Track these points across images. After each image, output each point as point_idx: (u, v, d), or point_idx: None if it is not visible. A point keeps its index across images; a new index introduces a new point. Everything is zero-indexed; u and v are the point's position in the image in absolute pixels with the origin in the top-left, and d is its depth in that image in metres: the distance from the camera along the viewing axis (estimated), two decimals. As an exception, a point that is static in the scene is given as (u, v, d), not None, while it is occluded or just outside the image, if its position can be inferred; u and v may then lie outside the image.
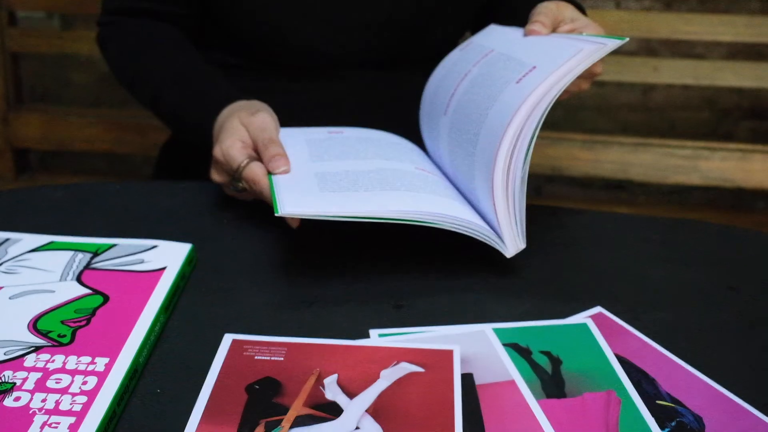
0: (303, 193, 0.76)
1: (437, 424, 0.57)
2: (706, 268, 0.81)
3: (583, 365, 0.65)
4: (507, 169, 0.74)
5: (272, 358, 0.64)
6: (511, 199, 0.75)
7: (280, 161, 0.82)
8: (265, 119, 0.86)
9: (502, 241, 0.77)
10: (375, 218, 0.73)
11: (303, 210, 0.72)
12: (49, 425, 0.55)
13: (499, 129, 0.75)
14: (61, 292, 0.70)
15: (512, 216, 0.76)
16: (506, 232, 0.76)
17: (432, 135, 0.93)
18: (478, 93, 0.82)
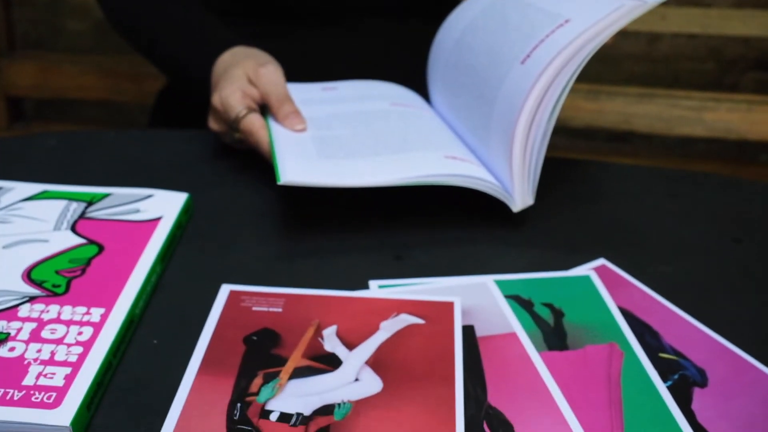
0: (304, 161, 0.74)
1: (438, 376, 0.57)
2: (710, 221, 0.80)
3: (585, 318, 0.64)
4: (530, 125, 0.72)
5: (270, 309, 0.63)
6: (529, 155, 0.73)
7: (297, 119, 0.81)
8: (276, 72, 0.84)
9: (510, 196, 0.75)
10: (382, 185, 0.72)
11: (305, 179, 0.71)
12: (44, 376, 0.54)
13: (525, 84, 0.72)
14: (55, 242, 0.68)
15: (527, 172, 0.74)
16: (518, 187, 0.75)
17: (439, 86, 0.90)
18: (501, 46, 0.78)
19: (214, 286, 0.66)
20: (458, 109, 0.84)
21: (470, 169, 0.75)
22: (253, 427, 0.52)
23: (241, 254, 0.72)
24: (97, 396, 0.55)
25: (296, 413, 0.54)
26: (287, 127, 0.80)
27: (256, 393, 0.55)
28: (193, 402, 0.54)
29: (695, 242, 0.76)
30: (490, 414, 0.54)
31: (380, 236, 0.75)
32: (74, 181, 0.79)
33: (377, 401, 0.55)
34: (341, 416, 0.53)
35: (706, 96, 1.69)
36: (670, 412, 0.55)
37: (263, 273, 0.69)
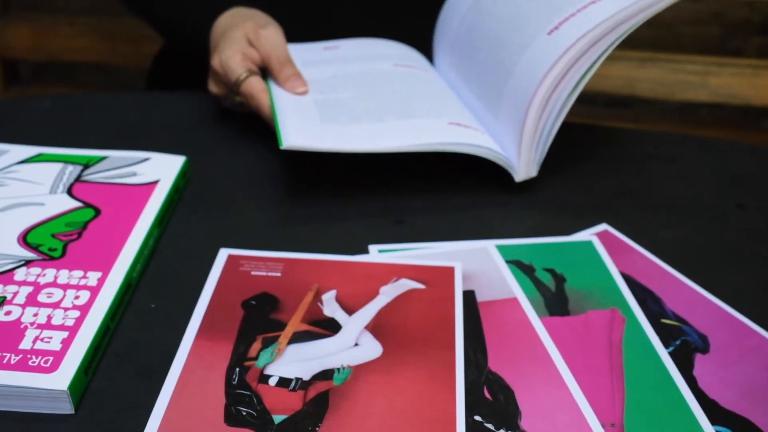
0: (306, 125, 0.73)
1: (438, 341, 0.56)
2: (714, 186, 0.79)
3: (587, 283, 0.64)
4: (548, 98, 0.71)
5: (269, 274, 0.63)
6: (542, 128, 0.72)
7: (298, 81, 0.79)
8: (276, 34, 0.83)
9: (514, 165, 0.74)
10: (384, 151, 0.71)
11: (307, 144, 0.70)
12: (41, 340, 0.54)
13: (549, 56, 0.70)
14: (51, 205, 0.67)
15: (536, 144, 0.73)
16: (524, 158, 0.74)
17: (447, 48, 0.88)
18: (527, 13, 0.75)
19: (212, 251, 0.65)
20: (467, 73, 0.82)
21: (474, 137, 0.73)
22: (251, 391, 0.52)
23: (240, 218, 0.71)
24: (94, 360, 0.54)
25: (295, 378, 0.53)
26: (288, 90, 0.79)
27: (254, 358, 0.55)
28: (192, 367, 0.54)
29: (699, 207, 0.76)
30: (491, 379, 0.54)
31: (381, 201, 0.74)
32: (70, 144, 0.78)
33: (377, 366, 0.54)
34: (341, 381, 0.53)
35: (710, 60, 1.66)
36: (671, 378, 0.55)
37: (262, 237, 0.68)
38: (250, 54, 0.81)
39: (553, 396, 0.53)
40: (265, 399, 0.52)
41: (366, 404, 0.51)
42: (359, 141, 0.71)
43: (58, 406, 0.51)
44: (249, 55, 0.81)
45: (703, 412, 0.53)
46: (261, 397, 0.52)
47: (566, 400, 0.53)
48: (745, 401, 0.54)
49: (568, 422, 0.51)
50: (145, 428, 0.50)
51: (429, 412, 0.51)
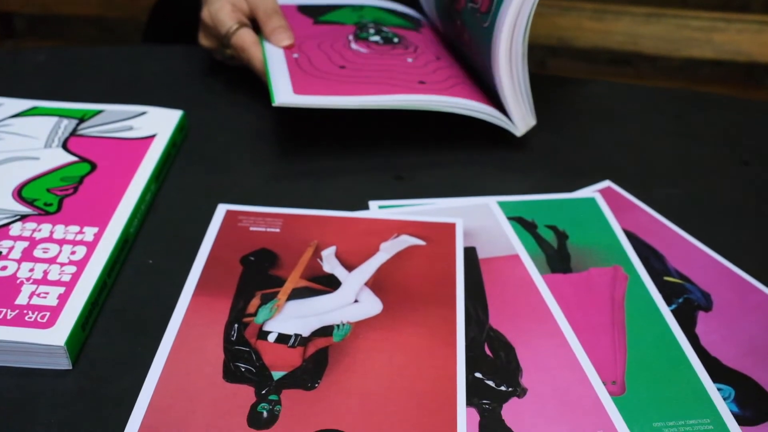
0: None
1: (438, 298, 0.56)
2: (719, 142, 0.78)
3: (589, 240, 0.63)
4: (510, 43, 0.69)
5: (268, 230, 0.62)
6: (516, 73, 0.70)
7: (283, 34, 0.77)
8: None
9: (511, 121, 0.73)
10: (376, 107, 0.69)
11: (300, 101, 0.68)
12: (37, 295, 0.53)
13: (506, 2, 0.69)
14: (46, 160, 0.66)
15: (518, 92, 0.71)
16: (514, 110, 0.72)
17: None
18: None
19: (210, 206, 0.64)
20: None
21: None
22: (250, 348, 0.52)
23: (238, 173, 0.70)
24: (91, 316, 0.54)
25: (294, 334, 0.53)
26: (273, 42, 0.77)
27: (253, 314, 0.54)
28: (190, 323, 0.53)
29: (703, 164, 0.75)
30: (492, 336, 0.54)
31: (381, 156, 0.73)
32: (65, 97, 0.76)
33: (377, 323, 0.54)
34: (340, 338, 0.53)
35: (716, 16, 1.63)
36: (673, 336, 0.55)
37: (260, 193, 0.67)
38: (239, 5, 0.79)
39: (554, 353, 0.53)
40: (264, 355, 0.51)
41: (366, 361, 0.51)
42: (354, 98, 0.70)
43: (56, 361, 0.51)
44: (239, 6, 0.79)
45: (705, 370, 0.52)
46: (260, 353, 0.51)
47: (567, 357, 0.52)
48: (748, 359, 0.53)
49: (569, 379, 0.51)
50: (143, 384, 0.49)
51: (429, 369, 0.51)
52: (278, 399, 0.48)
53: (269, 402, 0.48)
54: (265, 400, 0.48)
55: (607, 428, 0.48)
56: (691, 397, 0.50)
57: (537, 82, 0.73)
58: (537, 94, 0.73)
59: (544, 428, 0.48)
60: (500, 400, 0.49)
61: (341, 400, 0.48)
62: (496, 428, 0.48)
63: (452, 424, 0.47)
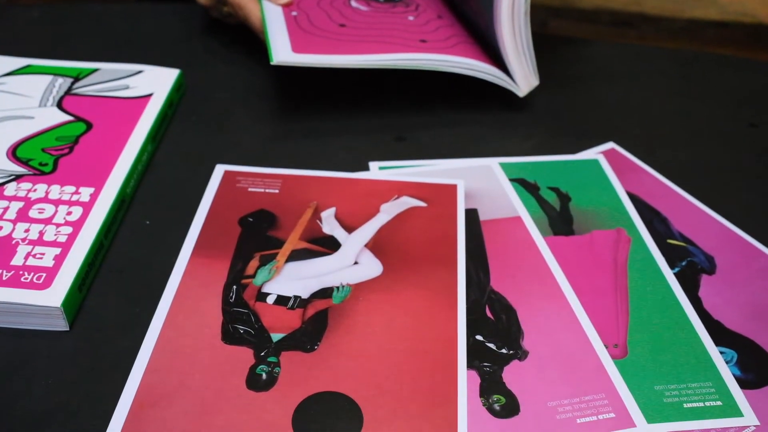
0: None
1: (439, 260, 0.55)
2: (725, 104, 0.77)
3: (592, 202, 0.62)
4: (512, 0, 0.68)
5: (266, 191, 0.61)
6: (518, 31, 0.69)
7: None
8: None
9: (514, 81, 0.72)
10: (377, 66, 0.68)
11: (299, 59, 0.66)
12: (33, 256, 0.52)
13: None
14: (40, 119, 0.65)
15: (521, 50, 0.70)
16: (517, 69, 0.71)
17: None
18: None
19: (207, 166, 0.63)
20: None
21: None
22: (249, 309, 0.51)
23: (236, 134, 0.69)
24: (88, 277, 0.53)
25: (294, 296, 0.52)
26: (272, 0, 0.75)
27: (252, 275, 0.54)
28: (188, 284, 0.53)
29: (709, 126, 0.73)
30: (493, 299, 0.53)
31: (381, 117, 0.72)
32: (59, 55, 0.75)
33: (377, 285, 0.53)
34: (340, 300, 0.52)
35: (721, -24, 1.61)
36: (676, 299, 0.54)
37: (259, 153, 0.66)
38: None
39: (556, 316, 0.52)
40: (263, 317, 0.51)
41: (366, 323, 0.51)
42: (353, 56, 0.68)
43: (53, 322, 0.50)
44: None
45: (707, 333, 0.52)
46: (258, 315, 0.51)
47: (569, 320, 0.52)
48: (751, 323, 0.53)
49: (570, 342, 0.50)
50: (140, 345, 0.49)
51: (430, 331, 0.50)
52: (277, 361, 0.48)
53: (268, 364, 0.48)
54: (263, 362, 0.48)
55: (608, 391, 0.48)
56: (693, 361, 0.50)
57: (539, 42, 0.72)
58: (539, 54, 0.71)
59: (545, 391, 0.47)
60: (501, 363, 0.49)
61: (341, 362, 0.48)
62: (496, 391, 0.47)
63: (453, 387, 0.47)
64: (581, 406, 0.47)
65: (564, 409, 0.47)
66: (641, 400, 0.47)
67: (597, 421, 0.46)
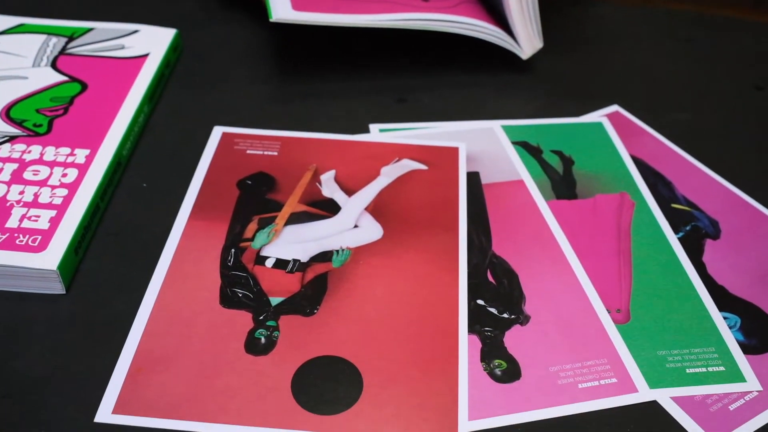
0: None
1: (441, 223, 0.54)
2: (731, 66, 0.76)
3: (596, 166, 0.61)
4: None
5: (265, 153, 0.60)
6: None
7: None
8: None
9: (517, 43, 0.70)
10: (378, 26, 0.66)
11: (299, 16, 0.65)
12: (28, 218, 0.52)
13: None
14: (34, 79, 0.64)
15: (526, 11, 0.68)
16: (521, 31, 0.69)
17: None
18: None
19: (205, 128, 0.62)
20: None
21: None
22: (247, 273, 0.50)
23: (234, 95, 0.68)
24: (84, 240, 0.52)
25: (293, 260, 0.51)
26: None
27: (250, 239, 0.53)
28: (185, 247, 0.52)
29: (714, 89, 0.72)
30: (495, 263, 0.52)
31: (382, 78, 0.71)
32: (52, 14, 0.73)
33: (377, 248, 0.53)
34: (340, 263, 0.51)
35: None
36: (680, 264, 0.53)
37: (257, 115, 0.65)
38: None
39: (558, 281, 0.52)
40: (262, 281, 0.50)
41: (366, 287, 0.50)
42: (354, 16, 0.67)
43: (49, 285, 0.49)
44: None
45: (711, 299, 0.51)
46: (257, 278, 0.50)
47: (572, 284, 0.51)
48: (755, 288, 0.52)
49: (573, 307, 0.50)
50: (138, 309, 0.48)
51: (431, 295, 0.50)
52: (276, 325, 0.47)
53: (267, 328, 0.47)
54: (262, 326, 0.47)
55: (610, 356, 0.47)
56: (697, 326, 0.50)
57: (543, 3, 0.70)
58: (544, 15, 0.70)
59: (547, 356, 0.47)
60: (502, 328, 0.49)
61: (341, 326, 0.48)
62: (498, 356, 0.47)
63: (453, 352, 0.46)
64: (583, 371, 0.46)
65: (566, 374, 0.46)
66: (643, 365, 0.47)
67: (599, 386, 0.46)
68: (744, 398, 0.46)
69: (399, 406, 0.44)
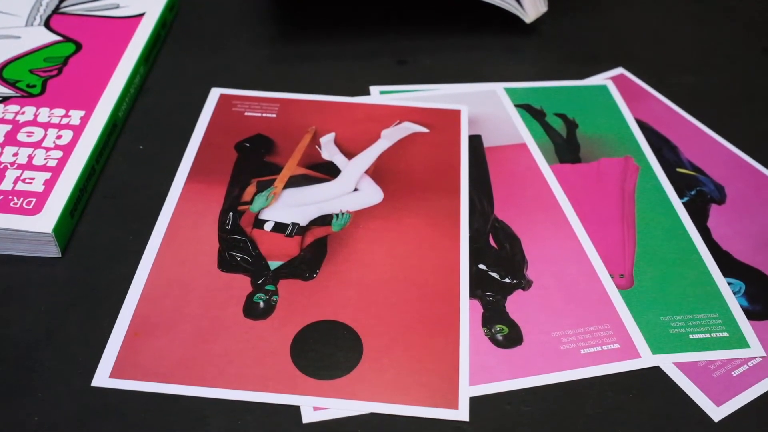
0: None
1: (442, 187, 0.54)
2: (739, 29, 0.74)
3: (600, 129, 0.60)
4: None
5: (264, 115, 0.59)
6: None
7: None
8: None
9: (521, 6, 0.69)
10: None
11: None
12: (22, 180, 0.51)
13: None
14: (27, 39, 0.63)
15: None
16: None
17: None
18: None
19: (202, 90, 0.61)
20: None
21: None
22: (246, 237, 0.50)
23: (232, 56, 0.66)
24: (80, 202, 0.52)
25: (292, 223, 0.51)
26: None
27: (249, 202, 0.52)
28: (183, 211, 0.51)
29: (722, 52, 0.71)
30: (497, 227, 0.52)
31: (383, 40, 0.69)
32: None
33: (377, 212, 0.52)
34: (339, 227, 0.51)
35: None
36: (684, 229, 0.53)
37: (256, 76, 0.64)
38: None
39: (561, 245, 0.51)
40: (261, 245, 0.49)
41: (366, 251, 0.49)
42: None
43: (44, 249, 0.49)
44: None
45: (715, 264, 0.51)
46: (256, 242, 0.49)
47: (575, 249, 0.51)
48: (760, 253, 0.52)
49: (575, 272, 0.49)
50: (135, 273, 0.48)
51: (432, 260, 0.49)
52: (275, 289, 0.47)
53: (266, 292, 0.47)
54: (261, 290, 0.47)
55: (613, 322, 0.47)
56: (701, 291, 0.49)
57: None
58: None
59: (549, 321, 0.47)
60: (504, 293, 0.48)
61: (340, 291, 0.47)
62: (499, 321, 0.46)
63: (455, 317, 0.46)
64: (585, 337, 0.46)
65: (568, 339, 0.46)
66: (646, 330, 0.46)
67: (601, 351, 0.45)
68: (747, 364, 0.45)
69: (399, 371, 0.43)
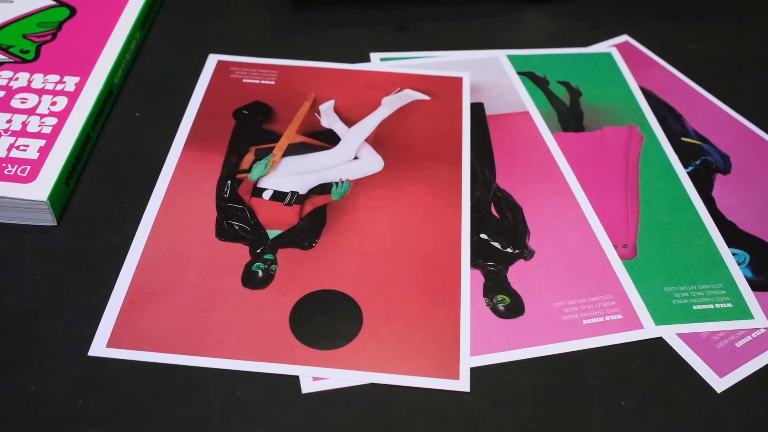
0: None
1: (443, 155, 0.53)
2: (746, -4, 0.73)
3: (604, 98, 0.59)
4: None
5: (262, 82, 0.58)
6: None
7: None
8: None
9: None
10: None
11: None
12: (17, 148, 0.50)
13: None
14: (20, 3, 0.61)
15: None
16: None
17: None
18: None
19: (200, 56, 0.60)
20: None
21: None
22: (244, 205, 0.49)
23: (230, 22, 0.65)
24: (75, 170, 0.51)
25: (291, 192, 0.50)
26: None
27: (247, 170, 0.51)
28: (180, 178, 0.51)
29: (728, 19, 0.70)
30: (499, 196, 0.51)
31: (383, 6, 0.68)
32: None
33: (378, 181, 0.51)
34: (339, 196, 0.50)
35: None
36: (689, 199, 0.52)
37: (254, 43, 0.63)
38: None
39: (563, 215, 0.50)
40: (259, 213, 0.49)
41: (365, 220, 0.49)
42: None
43: (39, 217, 0.48)
44: None
45: (720, 234, 0.50)
46: (254, 211, 0.49)
47: (577, 219, 0.50)
48: (765, 224, 0.51)
49: (578, 242, 0.49)
50: (132, 242, 0.47)
51: (433, 229, 0.48)
52: (274, 258, 0.46)
53: (264, 261, 0.46)
54: (260, 259, 0.46)
55: (616, 292, 0.46)
56: (705, 262, 0.48)
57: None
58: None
59: (551, 292, 0.46)
60: (506, 262, 0.47)
61: (340, 260, 0.46)
62: (501, 291, 0.46)
63: (456, 287, 0.45)
64: (588, 307, 0.45)
65: (570, 309, 0.45)
66: (650, 301, 0.46)
67: (604, 322, 0.45)
68: (751, 335, 0.45)
69: (399, 341, 0.43)
